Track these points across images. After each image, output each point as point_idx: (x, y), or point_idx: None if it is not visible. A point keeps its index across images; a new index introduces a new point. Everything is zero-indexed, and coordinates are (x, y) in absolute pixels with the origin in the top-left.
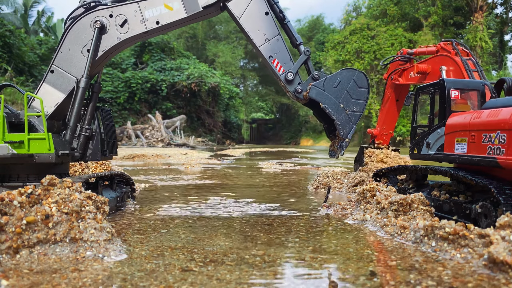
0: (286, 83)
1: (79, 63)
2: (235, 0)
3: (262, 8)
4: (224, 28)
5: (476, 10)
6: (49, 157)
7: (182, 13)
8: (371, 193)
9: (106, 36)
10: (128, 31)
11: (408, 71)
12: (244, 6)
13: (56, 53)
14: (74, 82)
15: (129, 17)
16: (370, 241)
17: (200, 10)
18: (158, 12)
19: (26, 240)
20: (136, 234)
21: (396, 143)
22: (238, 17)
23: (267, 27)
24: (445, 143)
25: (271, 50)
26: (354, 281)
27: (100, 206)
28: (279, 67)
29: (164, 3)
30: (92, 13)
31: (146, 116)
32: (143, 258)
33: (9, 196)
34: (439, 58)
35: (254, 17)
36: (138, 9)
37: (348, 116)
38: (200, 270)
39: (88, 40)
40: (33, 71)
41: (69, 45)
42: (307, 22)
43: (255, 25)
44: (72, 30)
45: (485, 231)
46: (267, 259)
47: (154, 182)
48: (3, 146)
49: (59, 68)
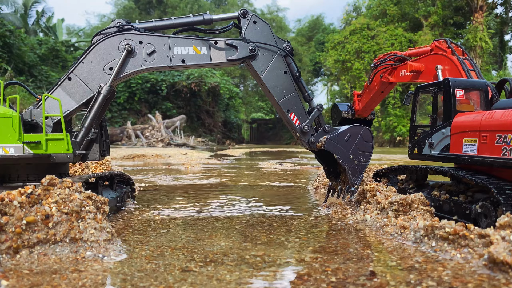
0: (302, 134)
1: (97, 78)
2: (258, 60)
3: (282, 67)
4: None
5: (476, 10)
6: (67, 157)
7: (207, 59)
8: (371, 193)
9: (132, 60)
10: (154, 61)
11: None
12: (266, 65)
13: (78, 62)
14: (88, 94)
15: (158, 48)
16: (370, 241)
17: (224, 61)
18: (186, 52)
19: (26, 240)
20: (136, 234)
21: (396, 143)
22: (261, 75)
23: (285, 84)
24: (451, 144)
25: (289, 105)
26: (354, 281)
27: (100, 206)
28: (296, 120)
29: (194, 45)
30: (124, 35)
31: (146, 116)
32: (143, 258)
33: (9, 196)
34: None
35: (274, 75)
36: (168, 43)
37: (356, 166)
38: (200, 270)
39: (112, 58)
40: (33, 71)
41: (93, 59)
42: (307, 22)
43: (275, 82)
44: (100, 45)
45: (485, 231)
46: (267, 259)
47: (154, 182)
48: (19, 146)
49: (78, 77)
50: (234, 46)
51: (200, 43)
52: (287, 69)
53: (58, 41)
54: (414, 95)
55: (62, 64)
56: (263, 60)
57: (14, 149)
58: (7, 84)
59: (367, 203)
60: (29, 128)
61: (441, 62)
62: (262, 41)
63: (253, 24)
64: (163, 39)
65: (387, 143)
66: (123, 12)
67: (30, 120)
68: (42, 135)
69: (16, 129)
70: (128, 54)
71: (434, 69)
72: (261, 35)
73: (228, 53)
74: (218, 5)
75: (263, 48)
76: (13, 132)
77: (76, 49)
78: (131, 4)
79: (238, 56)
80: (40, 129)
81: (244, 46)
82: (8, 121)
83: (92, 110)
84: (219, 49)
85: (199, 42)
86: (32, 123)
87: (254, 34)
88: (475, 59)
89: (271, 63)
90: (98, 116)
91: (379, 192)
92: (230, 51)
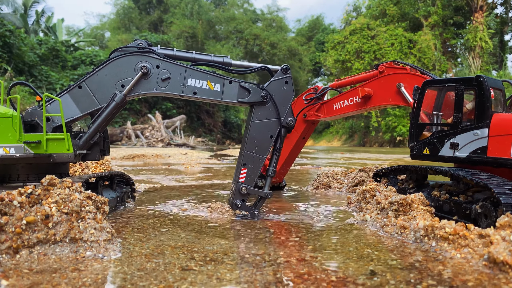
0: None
1: (107, 92)
2: (262, 108)
3: (273, 132)
4: (224, 28)
5: (476, 10)
6: (68, 156)
7: (218, 97)
8: (371, 193)
9: (145, 82)
10: (166, 87)
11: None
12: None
13: (92, 73)
14: (95, 105)
15: (173, 76)
16: (370, 241)
17: (234, 102)
18: (200, 85)
19: (26, 240)
20: (136, 233)
21: (396, 143)
22: (253, 120)
23: (263, 145)
24: (490, 146)
25: (250, 162)
26: (354, 280)
27: (100, 206)
28: (243, 177)
29: (209, 80)
30: (143, 56)
31: (146, 116)
32: (143, 257)
33: (9, 196)
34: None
35: (262, 131)
36: (184, 74)
37: None
38: (200, 269)
39: (127, 76)
40: (33, 71)
41: (107, 73)
42: (307, 22)
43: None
44: (117, 61)
45: (485, 231)
46: (267, 259)
47: (154, 182)
48: (19, 146)
49: (88, 87)
50: (247, 89)
51: (215, 79)
52: (275, 137)
53: (58, 41)
54: (421, 90)
55: (62, 64)
56: (264, 112)
57: (15, 149)
58: (14, 84)
59: (367, 203)
60: (29, 128)
61: (399, 80)
62: (278, 100)
63: (284, 83)
64: (180, 69)
65: (387, 143)
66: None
67: (29, 120)
68: (42, 135)
69: (17, 129)
70: (143, 76)
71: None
72: (282, 96)
73: (239, 94)
74: (217, 5)
75: (272, 105)
76: (13, 132)
77: (76, 49)
78: (131, 3)
79: (249, 99)
80: (40, 129)
81: (256, 92)
82: (9, 121)
83: (101, 116)
84: (232, 89)
85: (214, 79)
86: (32, 123)
87: (277, 89)
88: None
89: (267, 119)
90: (106, 122)
91: (378, 192)
92: (242, 92)
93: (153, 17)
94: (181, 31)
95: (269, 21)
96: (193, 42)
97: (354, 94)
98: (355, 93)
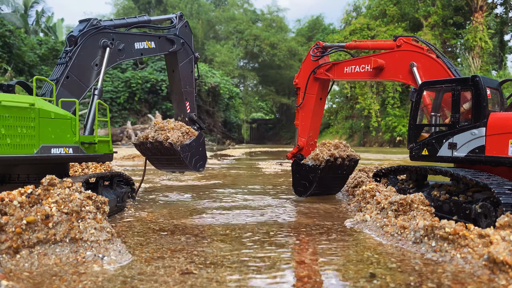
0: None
1: (88, 74)
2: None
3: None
4: (224, 28)
5: (476, 10)
6: (109, 156)
7: (156, 51)
8: (370, 194)
9: (111, 55)
10: (124, 56)
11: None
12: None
13: (70, 61)
14: (84, 90)
15: (125, 44)
16: (370, 243)
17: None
18: (142, 47)
19: (26, 240)
20: (136, 236)
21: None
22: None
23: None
24: (488, 145)
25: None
26: (354, 284)
27: (100, 206)
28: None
29: (147, 40)
30: (101, 34)
31: (146, 116)
32: (143, 261)
33: (9, 196)
34: (400, 53)
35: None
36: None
37: None
38: (200, 272)
39: (96, 55)
40: (33, 71)
41: (82, 56)
42: (307, 22)
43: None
44: (85, 43)
45: (485, 231)
46: (267, 261)
47: (154, 182)
48: (76, 147)
49: (73, 75)
50: (172, 40)
51: (150, 38)
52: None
53: (58, 41)
54: (418, 91)
55: None
56: (184, 54)
57: (73, 149)
58: (17, 83)
59: (367, 203)
60: None
61: (413, 59)
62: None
63: (185, 27)
64: (128, 36)
65: (387, 143)
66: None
67: None
68: (94, 137)
69: (75, 131)
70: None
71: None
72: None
73: (167, 46)
74: (217, 5)
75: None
76: (71, 133)
77: None
78: (131, 4)
79: (175, 49)
80: None
81: (178, 41)
82: (68, 122)
83: (90, 113)
84: (162, 43)
85: (150, 38)
86: None
87: (183, 33)
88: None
89: (187, 59)
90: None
91: (378, 192)
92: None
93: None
94: None
95: (269, 21)
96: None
97: (366, 62)
98: (367, 61)
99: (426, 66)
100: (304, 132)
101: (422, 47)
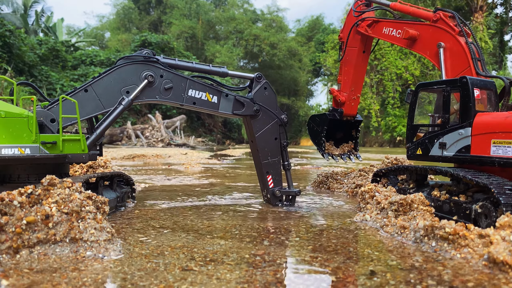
0: (272, 196)
1: (112, 97)
2: (258, 120)
3: (275, 134)
4: (224, 28)
5: (476, 10)
6: (83, 157)
7: (215, 108)
8: (370, 194)
9: (149, 90)
10: (168, 96)
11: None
12: (262, 127)
13: (98, 78)
14: (99, 109)
15: (175, 86)
16: (370, 241)
17: (229, 113)
18: (199, 96)
19: (26, 240)
20: (136, 233)
21: (396, 143)
22: (256, 133)
23: (273, 148)
24: (473, 145)
25: (270, 168)
26: (354, 281)
27: (100, 206)
28: (271, 183)
29: (207, 92)
30: (148, 65)
31: (146, 116)
32: (143, 257)
33: (9, 196)
34: (434, 29)
35: (266, 138)
36: (186, 84)
37: None
38: (200, 269)
39: (132, 83)
40: (33, 71)
41: (114, 79)
42: (307, 22)
43: (264, 144)
44: (124, 68)
45: (485, 231)
46: (267, 259)
47: (154, 182)
48: (35, 147)
49: (94, 91)
50: (242, 102)
51: (213, 91)
52: (279, 136)
53: (58, 41)
54: (414, 93)
55: (62, 64)
56: (261, 122)
57: (30, 149)
58: (19, 83)
59: (367, 203)
60: None
61: (442, 39)
62: (266, 105)
63: (263, 90)
64: (183, 80)
65: (387, 143)
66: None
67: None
68: (58, 136)
69: (33, 130)
70: (148, 84)
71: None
72: (267, 101)
73: (234, 107)
74: (217, 5)
75: (265, 112)
76: (29, 133)
77: (76, 49)
78: (131, 4)
79: (243, 112)
80: (46, 129)
81: (250, 106)
82: (24, 121)
83: (108, 118)
84: (228, 101)
85: (213, 91)
86: (39, 123)
87: (261, 97)
88: None
89: (267, 126)
90: (111, 124)
91: (378, 193)
92: (237, 105)
93: (153, 17)
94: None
95: (269, 21)
96: (193, 42)
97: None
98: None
99: (453, 50)
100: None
101: (455, 28)
